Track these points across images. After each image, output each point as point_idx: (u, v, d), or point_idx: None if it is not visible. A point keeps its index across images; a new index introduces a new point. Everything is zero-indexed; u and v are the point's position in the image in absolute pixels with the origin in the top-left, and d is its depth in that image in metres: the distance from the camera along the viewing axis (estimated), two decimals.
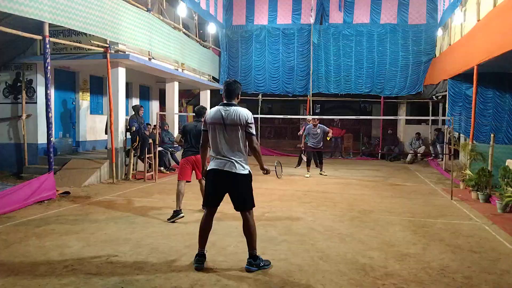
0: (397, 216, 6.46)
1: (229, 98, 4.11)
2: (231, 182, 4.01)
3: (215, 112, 4.07)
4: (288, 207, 6.98)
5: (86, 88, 11.96)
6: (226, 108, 4.04)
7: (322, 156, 11.64)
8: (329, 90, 16.83)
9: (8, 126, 10.17)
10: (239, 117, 3.98)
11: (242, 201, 4.05)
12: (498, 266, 4.26)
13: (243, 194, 4.04)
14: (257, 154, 4.11)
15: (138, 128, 9.87)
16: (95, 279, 3.73)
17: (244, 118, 3.98)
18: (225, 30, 17.34)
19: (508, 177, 6.91)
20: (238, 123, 3.97)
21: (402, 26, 16.10)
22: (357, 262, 4.30)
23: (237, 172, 3.98)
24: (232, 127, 3.98)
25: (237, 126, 3.97)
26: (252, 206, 4.11)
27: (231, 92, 4.11)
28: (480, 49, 8.85)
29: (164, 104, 14.01)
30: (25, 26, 7.95)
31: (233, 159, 3.98)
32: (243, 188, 4.04)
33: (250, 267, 4.00)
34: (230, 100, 4.11)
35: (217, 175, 4.03)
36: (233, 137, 3.99)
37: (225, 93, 4.13)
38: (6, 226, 5.51)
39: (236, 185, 4.02)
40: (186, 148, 6.16)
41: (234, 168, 3.97)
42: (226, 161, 3.98)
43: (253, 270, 3.97)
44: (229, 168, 3.97)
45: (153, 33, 10.54)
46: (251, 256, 4.04)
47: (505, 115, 10.87)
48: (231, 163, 3.98)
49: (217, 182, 4.05)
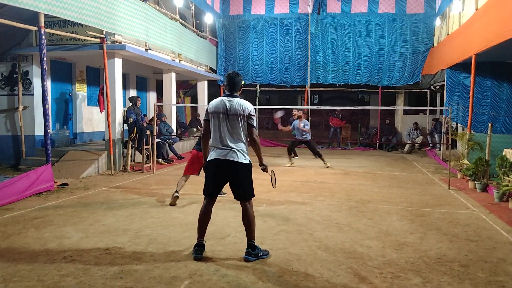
0: (395, 205, 6.49)
1: (232, 89, 4.17)
2: (232, 171, 4.04)
3: (218, 102, 4.12)
4: (286, 197, 7.00)
5: (83, 79, 11.90)
6: (230, 99, 4.10)
7: (314, 147, 11.29)
8: (327, 80, 16.78)
9: (5, 118, 10.12)
10: (242, 108, 4.05)
11: (242, 190, 4.07)
12: (495, 254, 4.30)
13: (243, 184, 4.07)
14: (256, 147, 4.15)
15: (135, 119, 9.84)
16: (94, 270, 3.74)
17: (247, 110, 4.06)
18: (222, 20, 17.21)
19: (505, 167, 6.94)
20: (241, 114, 4.03)
21: (400, 15, 16.01)
22: (355, 251, 4.33)
23: (239, 161, 4.02)
24: (234, 117, 4.03)
25: (239, 116, 4.03)
26: (252, 196, 4.13)
27: (235, 84, 4.18)
28: (478, 38, 8.82)
29: (161, 95, 13.97)
30: (20, 17, 7.89)
31: (234, 149, 4.02)
32: (244, 177, 4.07)
33: (248, 257, 4.01)
34: (233, 92, 4.17)
35: (218, 164, 4.05)
36: (235, 127, 4.04)
37: (229, 85, 4.18)
38: (5, 218, 5.51)
39: (237, 174, 4.05)
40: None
41: (236, 157, 4.01)
42: (228, 151, 4.02)
43: (252, 260, 3.99)
44: (231, 157, 4.01)
45: (149, 24, 10.45)
46: (249, 246, 4.06)
47: (502, 104, 10.89)
48: (232, 152, 4.02)
49: (218, 172, 4.07)
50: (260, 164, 4.25)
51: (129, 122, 9.78)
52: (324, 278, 3.61)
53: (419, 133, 15.79)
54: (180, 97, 17.51)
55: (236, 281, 3.54)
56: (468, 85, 10.52)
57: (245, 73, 17.19)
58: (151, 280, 3.54)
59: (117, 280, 3.54)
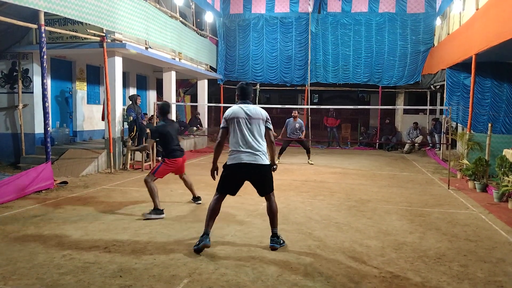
0: (394, 205, 6.50)
1: (246, 98, 4.48)
2: (258, 172, 4.30)
3: (237, 108, 4.38)
4: (286, 196, 7.00)
5: (83, 77, 11.89)
6: (246, 105, 4.40)
7: (307, 145, 11.78)
8: (327, 79, 16.77)
9: (4, 116, 10.12)
10: (260, 112, 4.40)
11: (268, 187, 4.39)
12: (494, 254, 4.30)
13: (269, 181, 4.40)
14: (273, 148, 4.51)
15: (135, 117, 9.83)
16: (94, 268, 3.74)
17: (264, 114, 4.43)
18: (223, 19, 17.20)
19: (505, 167, 6.94)
20: (260, 118, 4.37)
21: (401, 15, 16.00)
22: (354, 250, 4.33)
23: (265, 163, 4.33)
24: (256, 120, 4.34)
25: (260, 120, 4.37)
26: (273, 189, 4.47)
27: (249, 93, 4.51)
28: (478, 38, 8.81)
29: (161, 93, 13.95)
30: (21, 15, 7.87)
31: (260, 151, 4.31)
32: (268, 176, 4.40)
33: (275, 244, 4.30)
34: (248, 99, 4.48)
35: (242, 168, 4.27)
36: (258, 130, 4.35)
37: (242, 94, 4.49)
38: (4, 216, 5.51)
39: (265, 175, 4.36)
40: (173, 148, 5.89)
41: (261, 160, 4.31)
42: (255, 154, 4.27)
43: (277, 247, 4.28)
44: (257, 161, 4.28)
45: (149, 22, 10.44)
46: (274, 234, 4.37)
47: (502, 104, 10.88)
48: (259, 155, 4.29)
49: (242, 174, 4.31)
50: (273, 164, 4.50)
51: (129, 120, 9.79)
52: (323, 278, 3.61)
53: (419, 133, 15.79)
54: (180, 95, 17.51)
55: (235, 279, 3.54)
56: (468, 85, 10.52)
57: (245, 72, 17.20)
58: (150, 279, 3.54)
59: (116, 278, 3.54)
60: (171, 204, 6.30)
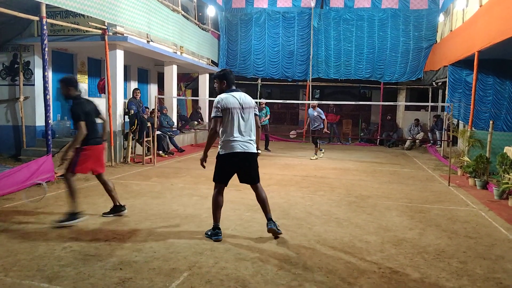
0: (394, 201, 6.50)
1: (234, 84, 4.49)
2: (249, 161, 4.36)
3: (230, 97, 4.33)
4: (286, 191, 7.01)
5: (84, 70, 11.86)
6: (238, 94, 4.39)
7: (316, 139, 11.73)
8: (328, 75, 16.73)
9: (5, 108, 10.12)
10: (250, 100, 4.42)
11: (255, 175, 4.46)
12: (493, 251, 4.31)
13: (256, 169, 4.47)
14: (259, 132, 4.57)
15: (136, 111, 9.83)
16: (94, 260, 3.76)
17: (252, 101, 4.44)
18: (225, 13, 17.13)
19: (506, 164, 6.94)
20: (251, 106, 4.40)
21: (404, 11, 15.93)
22: (354, 246, 4.34)
23: (254, 151, 4.41)
24: (247, 109, 4.37)
25: (251, 108, 4.39)
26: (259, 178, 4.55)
27: (233, 78, 4.53)
28: (481, 35, 8.78)
29: (162, 87, 13.94)
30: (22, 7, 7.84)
31: (252, 140, 4.38)
32: (256, 164, 4.48)
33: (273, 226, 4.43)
34: (234, 86, 4.49)
35: (238, 156, 4.29)
36: (250, 118, 4.38)
37: (230, 81, 4.46)
38: (5, 208, 5.53)
39: (253, 163, 4.42)
40: (93, 134, 5.04)
41: (253, 148, 4.39)
42: (248, 143, 4.33)
43: (275, 228, 4.42)
44: (249, 149, 4.33)
45: (151, 15, 10.40)
46: (270, 218, 4.47)
47: (504, 102, 10.86)
48: (251, 144, 4.36)
49: (237, 163, 4.34)
50: (257, 148, 4.52)
51: (130, 114, 9.78)
52: (323, 272, 3.62)
53: (420, 129, 15.77)
54: (181, 89, 17.48)
55: (235, 273, 3.55)
56: (470, 82, 10.50)
57: (246, 67, 17.17)
58: (150, 272, 3.55)
59: (116, 271, 3.55)
60: (172, 198, 6.31)
